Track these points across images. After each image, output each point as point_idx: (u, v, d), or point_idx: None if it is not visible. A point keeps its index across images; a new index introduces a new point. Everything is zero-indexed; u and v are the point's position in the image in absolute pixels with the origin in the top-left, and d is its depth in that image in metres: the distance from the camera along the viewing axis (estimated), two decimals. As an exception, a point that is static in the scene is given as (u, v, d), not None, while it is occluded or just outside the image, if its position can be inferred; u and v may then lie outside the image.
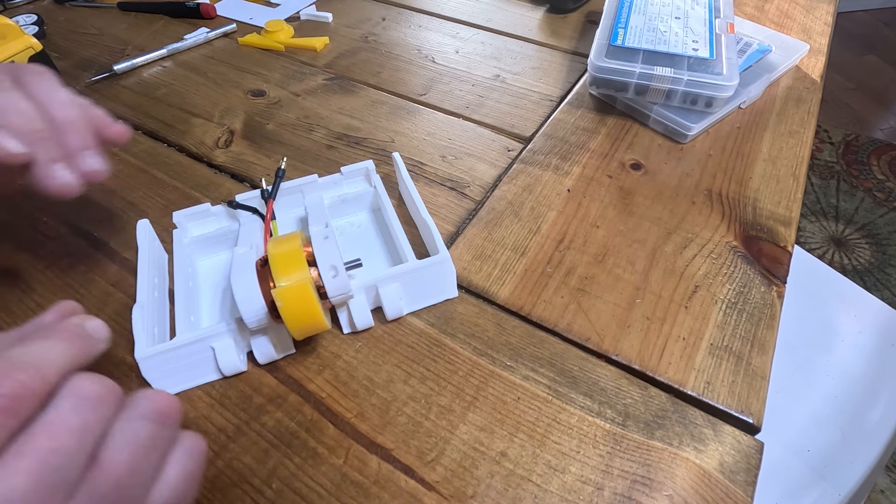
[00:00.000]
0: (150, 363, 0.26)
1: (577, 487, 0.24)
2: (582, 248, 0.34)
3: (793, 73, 0.47)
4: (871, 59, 1.89)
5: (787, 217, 0.35)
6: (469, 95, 0.46)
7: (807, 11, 0.55)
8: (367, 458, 0.25)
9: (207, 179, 0.39)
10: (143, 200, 0.38)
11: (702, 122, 0.40)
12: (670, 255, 0.33)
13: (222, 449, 0.26)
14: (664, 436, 0.26)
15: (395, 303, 0.29)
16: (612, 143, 0.41)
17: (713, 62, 0.40)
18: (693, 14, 0.45)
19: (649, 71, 0.39)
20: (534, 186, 0.38)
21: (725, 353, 0.29)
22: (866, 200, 1.40)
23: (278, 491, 0.24)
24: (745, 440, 0.26)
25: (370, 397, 0.27)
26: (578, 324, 0.30)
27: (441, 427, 0.26)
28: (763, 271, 0.32)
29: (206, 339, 0.27)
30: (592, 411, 0.27)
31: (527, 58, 0.50)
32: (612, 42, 0.42)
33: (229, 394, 0.28)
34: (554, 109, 0.44)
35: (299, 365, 0.29)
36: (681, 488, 0.24)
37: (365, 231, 0.35)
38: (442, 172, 0.39)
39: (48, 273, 0.33)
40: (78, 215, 0.36)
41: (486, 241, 0.34)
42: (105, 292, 0.32)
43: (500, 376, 0.28)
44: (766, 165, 0.39)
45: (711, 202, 0.36)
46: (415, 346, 0.29)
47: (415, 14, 0.57)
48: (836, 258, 1.28)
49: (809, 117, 0.43)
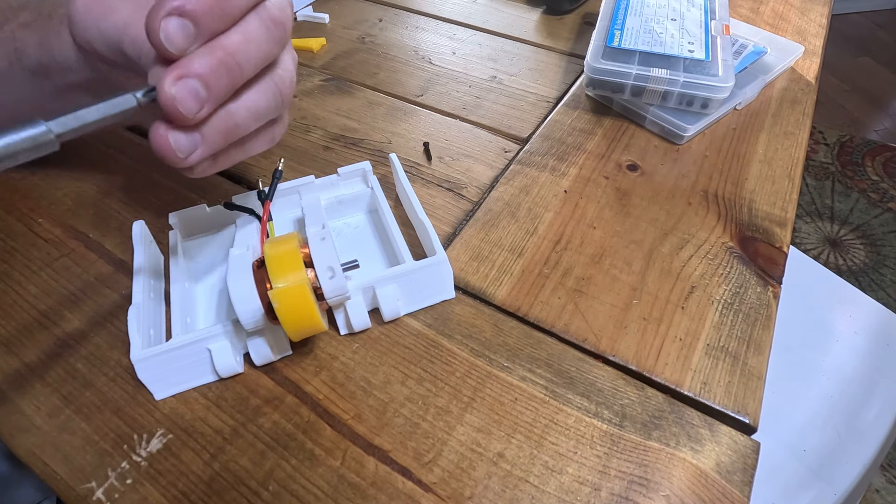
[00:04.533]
0: (145, 365, 0.26)
1: (574, 488, 0.24)
2: (579, 248, 0.34)
3: (788, 74, 0.48)
4: (866, 60, 1.90)
5: (782, 218, 0.36)
6: (466, 97, 0.46)
7: (801, 13, 0.56)
8: (365, 460, 0.25)
9: (204, 180, 0.39)
10: (139, 201, 0.37)
11: (698, 123, 0.40)
12: (667, 255, 0.33)
13: (219, 451, 0.26)
14: (661, 436, 0.26)
15: (392, 304, 0.29)
16: (609, 145, 0.41)
17: (709, 64, 0.40)
18: (689, 16, 0.45)
19: (645, 72, 0.39)
20: (531, 187, 0.38)
21: (722, 353, 0.29)
22: (861, 201, 1.41)
23: (275, 493, 0.24)
24: (742, 440, 0.26)
25: (367, 399, 0.27)
26: (575, 324, 0.30)
27: (438, 428, 0.26)
28: (759, 272, 0.32)
29: (202, 341, 0.27)
30: (589, 412, 0.27)
31: (523, 59, 0.50)
32: (608, 43, 0.42)
33: (226, 395, 0.27)
34: (551, 111, 0.44)
35: (296, 366, 0.29)
36: (678, 488, 0.24)
37: (362, 232, 0.35)
38: (439, 174, 0.39)
39: (42, 274, 0.33)
40: (73, 216, 0.36)
41: (483, 242, 0.34)
42: (101, 294, 0.32)
43: (497, 377, 0.28)
44: (761, 166, 0.39)
45: (707, 203, 0.37)
46: (412, 348, 0.29)
47: (412, 15, 0.57)
48: (832, 259, 1.29)
49: (804, 118, 0.43)
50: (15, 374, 0.28)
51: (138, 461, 0.25)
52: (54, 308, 0.31)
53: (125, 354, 0.29)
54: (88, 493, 0.24)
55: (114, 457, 0.25)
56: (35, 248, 0.34)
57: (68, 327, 0.30)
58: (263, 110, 0.24)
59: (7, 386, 0.28)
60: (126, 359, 0.27)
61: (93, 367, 0.29)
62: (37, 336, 0.30)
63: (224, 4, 0.20)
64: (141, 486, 0.25)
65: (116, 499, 0.24)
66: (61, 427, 0.26)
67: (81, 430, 0.26)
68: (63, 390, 0.28)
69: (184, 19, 0.19)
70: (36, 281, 0.33)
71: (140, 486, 0.25)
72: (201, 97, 0.21)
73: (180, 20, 0.19)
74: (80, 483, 0.25)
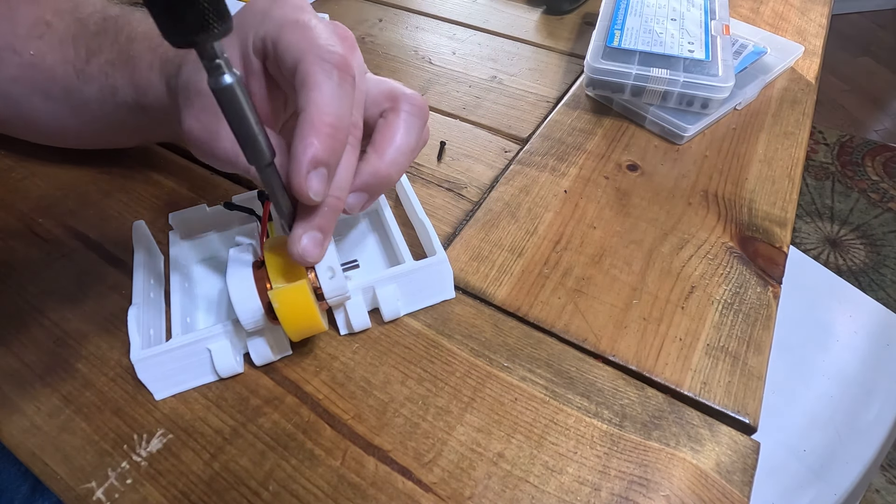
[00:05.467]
0: (145, 365, 0.26)
1: (574, 488, 0.24)
2: (579, 248, 0.34)
3: (788, 74, 0.48)
4: (866, 60, 1.90)
5: (782, 218, 0.36)
6: (466, 97, 0.46)
7: (801, 13, 0.56)
8: (365, 460, 0.25)
9: (204, 180, 0.39)
10: (139, 202, 0.37)
11: (698, 123, 0.40)
12: (667, 255, 0.33)
13: (219, 451, 0.26)
14: (661, 436, 0.26)
15: (392, 304, 0.29)
16: (609, 145, 0.41)
17: (709, 64, 0.40)
18: (689, 16, 0.45)
19: (645, 72, 0.39)
20: (531, 187, 0.38)
21: (722, 353, 0.29)
22: (861, 201, 1.41)
23: (275, 493, 0.24)
24: (742, 440, 0.26)
25: (367, 399, 0.27)
26: (575, 324, 0.30)
27: (438, 428, 0.26)
28: (759, 272, 0.32)
29: (202, 341, 0.27)
30: (589, 412, 0.27)
31: (523, 59, 0.50)
32: (608, 43, 0.42)
33: (225, 395, 0.27)
34: (551, 111, 0.44)
35: (296, 366, 0.29)
36: (678, 489, 0.24)
37: (362, 232, 0.35)
38: (439, 174, 0.39)
39: (43, 275, 0.33)
40: (73, 217, 0.36)
41: (483, 242, 0.34)
42: (101, 294, 0.32)
43: (497, 377, 0.28)
44: (761, 166, 0.39)
45: (707, 203, 0.37)
46: (412, 348, 0.29)
47: (412, 15, 0.57)
48: (832, 259, 1.29)
49: (804, 118, 0.43)
50: (15, 374, 0.28)
51: (138, 461, 0.25)
52: (54, 308, 0.31)
53: (125, 354, 0.28)
54: (88, 493, 0.24)
55: (114, 457, 0.25)
56: (35, 248, 0.34)
57: (68, 327, 0.30)
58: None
59: (7, 386, 0.28)
60: (126, 359, 0.27)
61: (93, 367, 0.29)
62: (37, 336, 0.30)
63: (340, 140, 0.22)
64: (141, 486, 0.25)
65: (116, 499, 0.24)
66: (61, 427, 0.26)
67: (81, 430, 0.26)
68: (63, 390, 0.28)
69: (320, 168, 0.21)
70: (36, 281, 0.33)
71: (140, 486, 0.25)
72: (322, 244, 0.24)
73: (318, 172, 0.21)
74: (80, 483, 0.25)
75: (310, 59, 0.22)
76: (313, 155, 0.21)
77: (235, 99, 0.19)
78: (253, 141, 0.20)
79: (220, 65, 0.18)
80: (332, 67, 0.22)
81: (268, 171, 0.22)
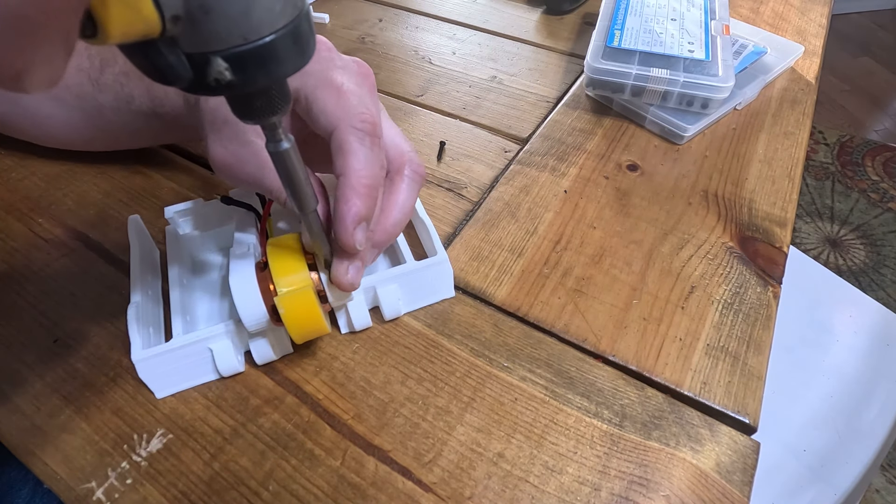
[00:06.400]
0: (146, 365, 0.26)
1: (574, 488, 0.24)
2: (579, 248, 0.34)
3: (788, 74, 0.48)
4: (866, 60, 1.90)
5: (782, 218, 0.36)
6: (466, 97, 0.46)
7: (801, 13, 0.56)
8: (365, 460, 0.25)
9: (204, 180, 0.39)
10: (139, 201, 0.37)
11: (698, 123, 0.40)
12: (667, 255, 0.33)
13: (219, 451, 0.26)
14: (661, 436, 0.26)
15: (393, 303, 0.29)
16: (609, 145, 0.41)
17: (709, 64, 0.40)
18: (689, 16, 0.45)
19: (645, 72, 0.39)
20: (531, 187, 0.38)
21: (722, 353, 0.29)
22: (861, 201, 1.41)
23: (275, 493, 0.24)
24: (742, 440, 0.26)
25: (367, 398, 0.27)
26: (575, 324, 0.30)
27: (438, 428, 0.26)
28: (759, 272, 0.32)
29: (203, 341, 0.27)
30: (589, 412, 0.27)
31: (523, 59, 0.50)
32: (608, 43, 0.42)
33: (226, 395, 0.27)
34: (551, 111, 0.44)
35: (296, 366, 0.29)
36: (678, 489, 0.24)
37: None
38: (439, 174, 0.39)
39: (42, 274, 0.33)
40: (73, 216, 0.36)
41: (483, 242, 0.34)
42: (100, 294, 0.32)
43: (497, 377, 0.28)
44: (761, 166, 0.39)
45: (707, 203, 0.37)
46: (412, 348, 0.29)
47: (412, 15, 0.57)
48: (832, 259, 1.29)
49: (804, 118, 0.43)
50: (15, 374, 0.28)
51: (138, 461, 0.25)
52: (54, 308, 0.31)
53: (125, 354, 0.28)
54: (88, 493, 0.24)
55: (114, 457, 0.25)
56: (35, 248, 0.34)
57: (68, 327, 0.30)
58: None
59: (7, 386, 0.28)
60: (126, 359, 0.27)
61: (93, 367, 0.29)
62: (37, 336, 0.30)
63: (375, 196, 0.25)
64: (141, 486, 0.25)
65: (116, 499, 0.24)
66: (61, 427, 0.26)
67: (81, 430, 0.26)
68: (63, 390, 0.28)
69: (363, 223, 0.24)
70: (36, 281, 0.33)
71: (140, 485, 0.25)
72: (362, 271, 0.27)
73: (361, 226, 0.24)
74: (80, 483, 0.25)
75: (344, 129, 0.24)
76: (356, 213, 0.24)
77: (290, 160, 0.21)
78: (302, 193, 0.22)
79: (279, 133, 0.20)
80: (365, 135, 0.24)
81: (312, 215, 0.24)
